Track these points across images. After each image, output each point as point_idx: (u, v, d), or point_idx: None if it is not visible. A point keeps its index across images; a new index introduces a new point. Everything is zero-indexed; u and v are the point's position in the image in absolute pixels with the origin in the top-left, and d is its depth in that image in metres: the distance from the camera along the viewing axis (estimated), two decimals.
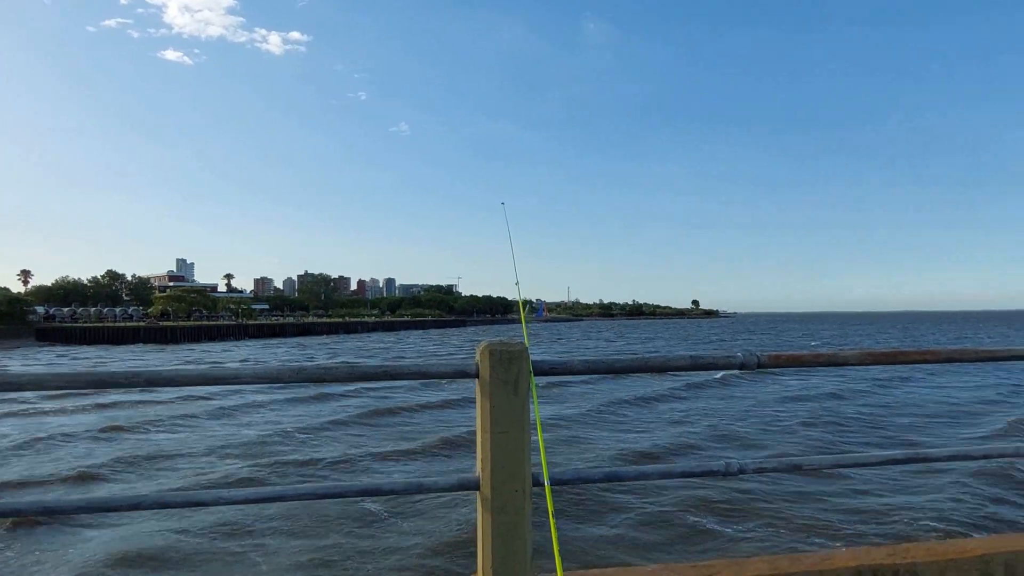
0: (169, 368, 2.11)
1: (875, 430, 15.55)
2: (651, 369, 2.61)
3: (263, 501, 2.21)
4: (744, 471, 2.54)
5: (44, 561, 7.63)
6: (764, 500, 9.53)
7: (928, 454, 2.80)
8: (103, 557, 7.69)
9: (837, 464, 2.76)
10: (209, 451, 13.59)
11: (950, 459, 2.81)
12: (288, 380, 2.20)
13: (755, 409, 18.74)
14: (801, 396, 21.32)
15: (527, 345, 2.33)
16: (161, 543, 8.11)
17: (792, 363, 2.65)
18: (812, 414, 17.60)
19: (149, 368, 2.11)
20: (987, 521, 8.64)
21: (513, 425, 2.25)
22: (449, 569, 7.37)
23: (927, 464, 10.54)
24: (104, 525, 8.74)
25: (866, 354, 2.75)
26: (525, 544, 2.26)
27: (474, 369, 2.27)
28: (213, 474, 11.71)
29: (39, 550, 7.94)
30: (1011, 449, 2.77)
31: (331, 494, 2.35)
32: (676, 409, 19.03)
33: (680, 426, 16.20)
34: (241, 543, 8.11)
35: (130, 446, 14.16)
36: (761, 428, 15.79)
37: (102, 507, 2.11)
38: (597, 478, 2.51)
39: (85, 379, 2.03)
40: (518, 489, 2.26)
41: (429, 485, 2.42)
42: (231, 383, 2.16)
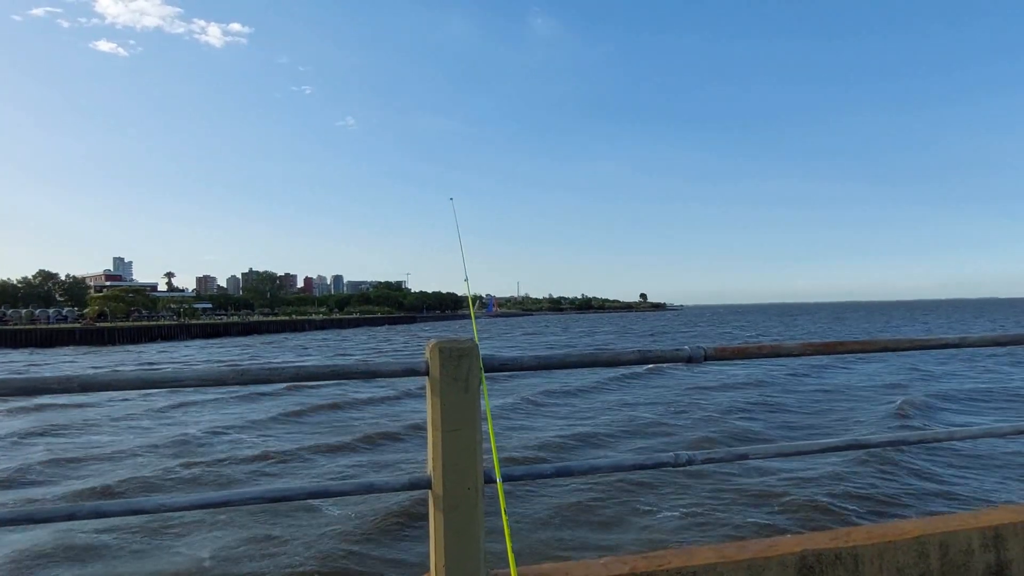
0: (105, 372, 2.02)
1: (779, 415, 16.44)
2: (600, 364, 2.63)
3: (209, 507, 2.15)
4: (693, 462, 2.58)
5: None
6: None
7: (868, 440, 2.91)
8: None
9: (780, 453, 2.83)
10: (147, 451, 13.18)
11: (888, 445, 2.92)
12: (232, 382, 2.14)
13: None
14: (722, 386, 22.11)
15: (477, 341, 2.32)
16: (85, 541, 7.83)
17: (737, 355, 2.72)
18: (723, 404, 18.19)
19: (83, 372, 2.02)
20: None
21: (464, 423, 2.24)
22: (401, 569, 7.32)
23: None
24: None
25: (807, 345, 2.83)
26: (478, 542, 2.26)
27: (424, 367, 2.24)
28: (153, 476, 11.34)
29: None
30: (944, 434, 2.89)
31: (279, 497, 2.30)
32: (617, 398, 19.35)
33: (623, 412, 16.49)
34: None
35: (59, 448, 13.59)
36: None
37: (31, 519, 2.01)
38: (549, 473, 2.52)
39: (15, 385, 1.93)
40: (470, 487, 2.24)
41: (380, 485, 2.39)
42: (171, 386, 2.08)
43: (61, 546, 7.98)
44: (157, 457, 12.87)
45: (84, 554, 7.82)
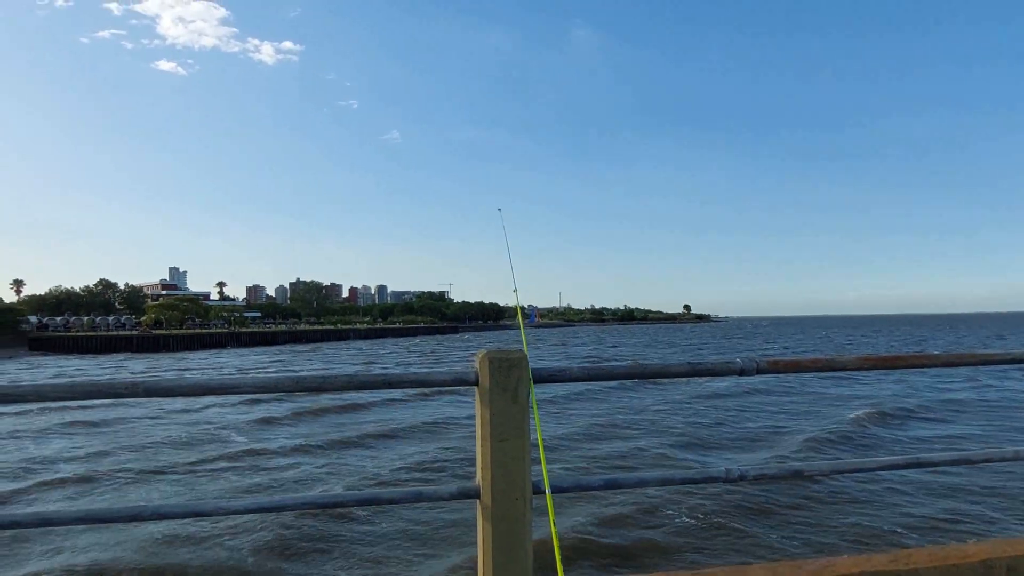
0: (168, 378, 2.09)
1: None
2: (649, 375, 2.60)
3: (263, 511, 2.20)
4: (744, 477, 2.53)
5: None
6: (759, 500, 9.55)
7: (930, 459, 2.81)
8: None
9: (836, 470, 2.76)
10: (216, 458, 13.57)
11: (951, 463, 2.82)
12: (287, 389, 2.19)
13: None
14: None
15: (526, 352, 2.33)
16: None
17: (791, 368, 2.66)
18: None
19: (148, 378, 2.10)
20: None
21: (513, 433, 2.24)
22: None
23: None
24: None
25: (864, 359, 2.75)
26: (526, 553, 2.25)
27: (473, 377, 2.26)
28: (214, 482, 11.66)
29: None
30: (1010, 453, 2.78)
31: (331, 504, 2.34)
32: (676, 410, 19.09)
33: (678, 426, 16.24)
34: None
35: (125, 459, 14.07)
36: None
37: (101, 518, 2.09)
38: (597, 485, 2.50)
39: (84, 389, 2.01)
40: (518, 497, 2.24)
41: (429, 494, 2.41)
42: (230, 392, 2.15)
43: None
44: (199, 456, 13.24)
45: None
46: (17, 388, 1.98)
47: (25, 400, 1.99)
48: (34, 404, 12.30)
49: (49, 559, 7.94)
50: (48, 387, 2.02)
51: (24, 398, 1.99)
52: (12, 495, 11.23)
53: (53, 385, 2.01)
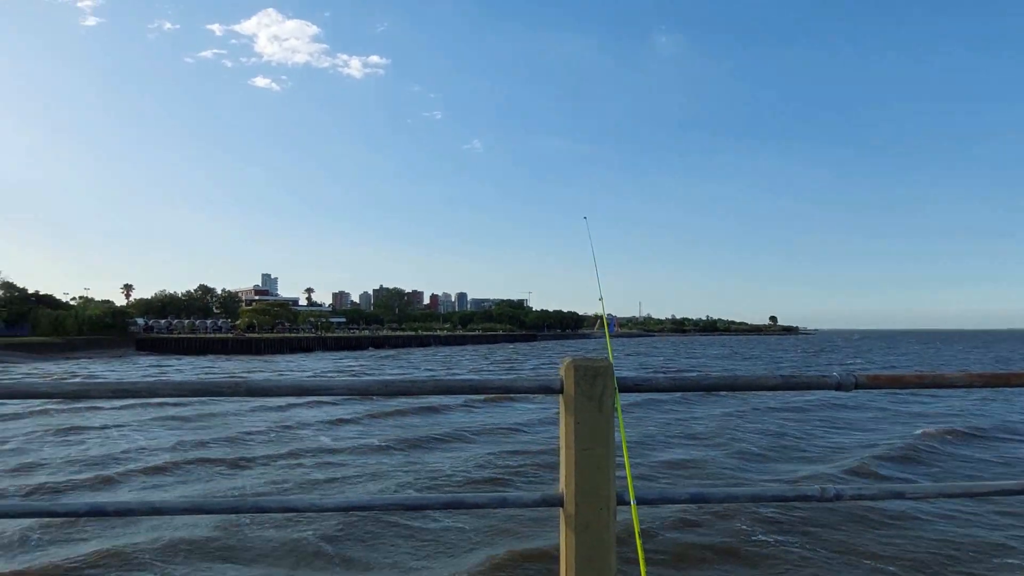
0: (268, 379, 2.20)
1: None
2: (739, 388, 2.53)
3: (353, 509, 2.27)
4: (840, 497, 2.43)
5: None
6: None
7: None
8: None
9: (943, 493, 2.60)
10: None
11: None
12: (377, 393, 2.25)
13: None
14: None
15: (611, 361, 2.31)
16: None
17: (893, 384, 2.52)
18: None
19: (249, 378, 2.21)
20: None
21: (598, 442, 2.22)
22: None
23: None
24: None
25: (974, 376, 2.58)
26: (610, 564, 2.23)
27: (558, 385, 2.26)
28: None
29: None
30: None
31: (417, 505, 2.39)
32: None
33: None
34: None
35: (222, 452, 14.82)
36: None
37: (204, 509, 2.21)
38: (683, 498, 2.45)
39: (192, 387, 2.14)
40: (603, 507, 2.22)
41: (513, 500, 2.42)
42: (323, 394, 2.23)
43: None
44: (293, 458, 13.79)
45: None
46: (135, 385, 2.13)
47: (140, 396, 2.13)
48: (144, 400, 12.96)
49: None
50: (160, 384, 2.16)
51: (139, 394, 2.14)
52: (119, 477, 12.16)
53: (165, 383, 2.15)
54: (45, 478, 12.44)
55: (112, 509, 2.12)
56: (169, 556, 8.07)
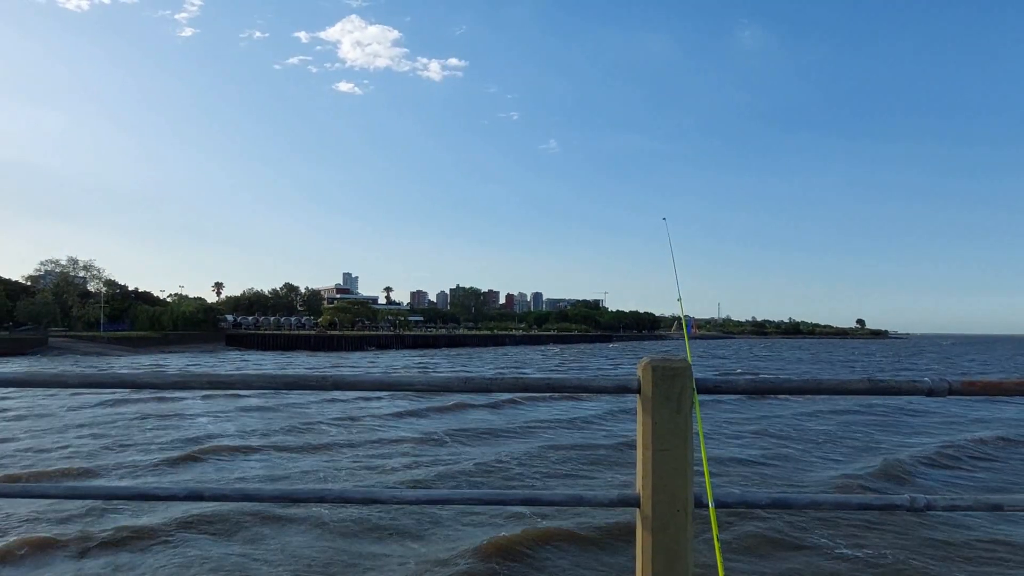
0: (352, 374, 2.30)
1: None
2: (824, 391, 2.45)
3: (432, 503, 2.34)
4: (932, 508, 2.32)
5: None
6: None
7: None
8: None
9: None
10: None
11: None
12: (457, 389, 2.31)
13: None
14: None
15: (690, 362, 2.29)
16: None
17: (990, 390, 2.39)
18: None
19: (335, 373, 2.31)
20: None
21: (675, 443, 2.21)
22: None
23: None
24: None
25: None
26: (687, 566, 2.21)
27: (636, 385, 2.25)
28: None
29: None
30: None
31: (494, 501, 2.44)
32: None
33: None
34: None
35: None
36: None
37: (292, 497, 2.33)
38: (764, 503, 2.40)
39: (282, 381, 2.26)
40: (680, 509, 2.21)
41: (589, 499, 2.43)
42: (405, 389, 2.31)
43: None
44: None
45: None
46: (228, 377, 2.27)
47: (234, 387, 2.27)
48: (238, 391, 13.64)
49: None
50: (253, 377, 2.29)
51: (233, 386, 2.27)
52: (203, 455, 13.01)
53: (258, 376, 2.27)
54: (147, 455, 13.35)
55: (209, 494, 2.26)
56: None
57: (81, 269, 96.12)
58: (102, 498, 2.34)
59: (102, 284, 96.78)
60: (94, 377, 2.23)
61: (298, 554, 8.05)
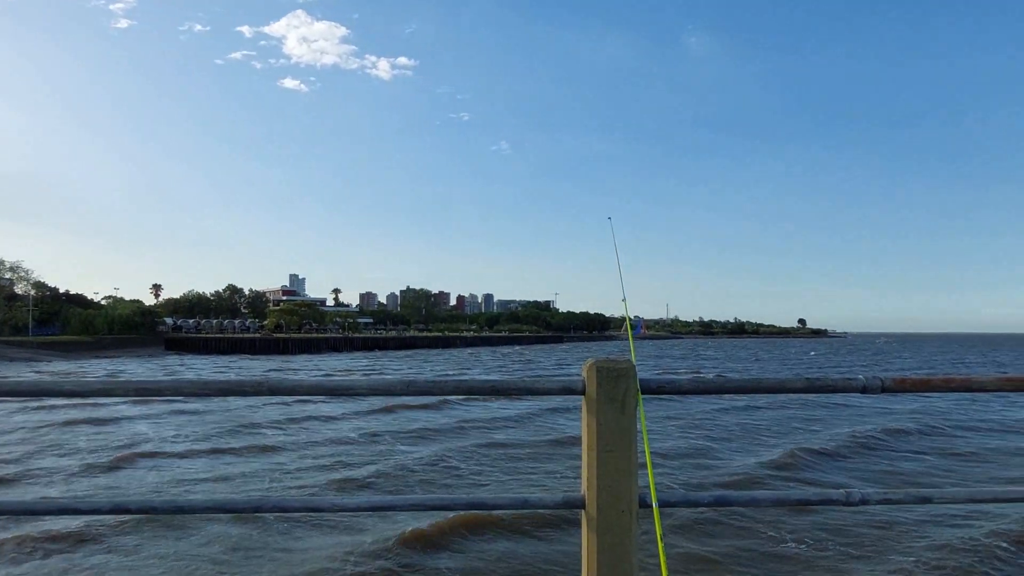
0: (290, 379, 2.22)
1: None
2: (764, 390, 2.49)
3: (375, 510, 2.28)
4: (866, 502, 2.38)
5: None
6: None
7: None
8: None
9: (973, 498, 2.54)
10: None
11: None
12: (400, 392, 2.26)
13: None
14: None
15: (634, 363, 2.29)
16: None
17: (921, 388, 2.47)
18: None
19: (271, 378, 2.23)
20: None
21: (620, 444, 2.21)
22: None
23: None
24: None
25: (1006, 380, 2.52)
26: (631, 567, 2.21)
27: (580, 386, 2.24)
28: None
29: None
30: None
31: (438, 506, 2.39)
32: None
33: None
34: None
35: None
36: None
37: (227, 508, 2.24)
38: (706, 502, 2.42)
39: (216, 387, 2.17)
40: (624, 510, 2.21)
41: (534, 502, 2.42)
42: (347, 394, 2.25)
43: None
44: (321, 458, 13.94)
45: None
46: (157, 384, 2.17)
47: (163, 394, 2.17)
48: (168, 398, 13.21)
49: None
50: (184, 383, 2.19)
51: (163, 393, 2.17)
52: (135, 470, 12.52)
53: (190, 381, 2.18)
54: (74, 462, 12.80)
55: (135, 507, 2.15)
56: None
57: (7, 271, 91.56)
58: (19, 514, 2.20)
59: (30, 286, 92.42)
60: (7, 385, 2.10)
61: (224, 545, 7.87)
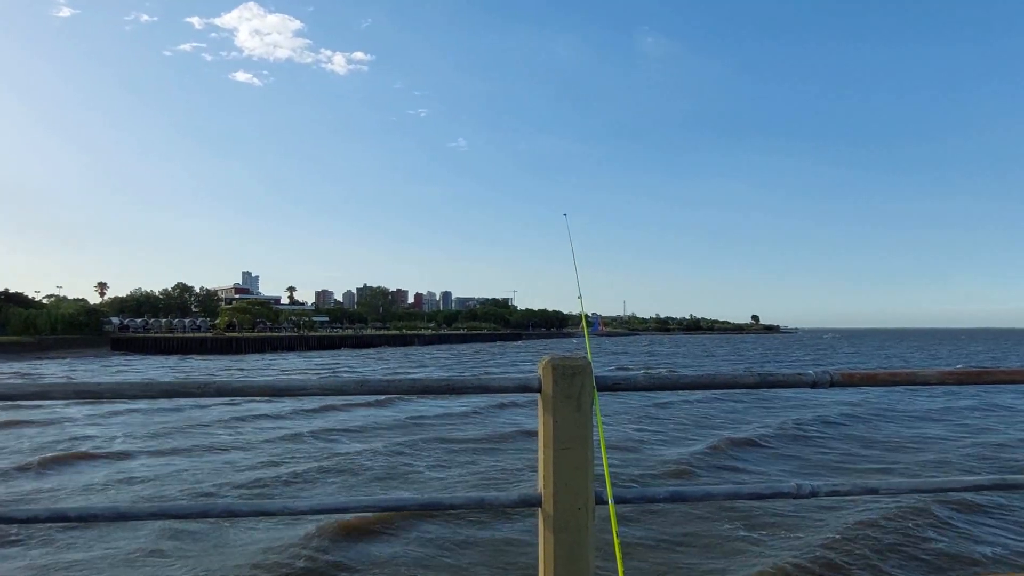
0: (238, 379, 2.15)
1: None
2: (717, 386, 2.52)
3: (327, 512, 2.24)
4: (816, 494, 2.43)
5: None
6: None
7: (1018, 480, 2.63)
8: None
9: (917, 488, 2.61)
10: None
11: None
12: (352, 392, 2.22)
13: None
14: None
15: (590, 360, 2.29)
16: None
17: (867, 382, 2.53)
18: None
19: (219, 379, 2.16)
20: None
21: (576, 441, 2.20)
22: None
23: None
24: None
25: (947, 373, 2.60)
26: (588, 564, 2.21)
27: (536, 384, 2.23)
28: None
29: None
30: None
31: (392, 507, 2.35)
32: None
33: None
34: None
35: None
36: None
37: (173, 514, 2.17)
38: (662, 497, 2.44)
39: (159, 389, 2.09)
40: (581, 507, 2.21)
41: (491, 501, 2.40)
42: (297, 394, 2.19)
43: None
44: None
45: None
46: (97, 386, 2.08)
47: (102, 397, 2.08)
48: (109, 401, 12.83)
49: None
50: (126, 386, 2.11)
51: (103, 395, 2.09)
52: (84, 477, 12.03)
53: (131, 384, 2.10)
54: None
55: (75, 515, 2.06)
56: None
57: None
58: None
59: None
60: None
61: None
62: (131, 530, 8.60)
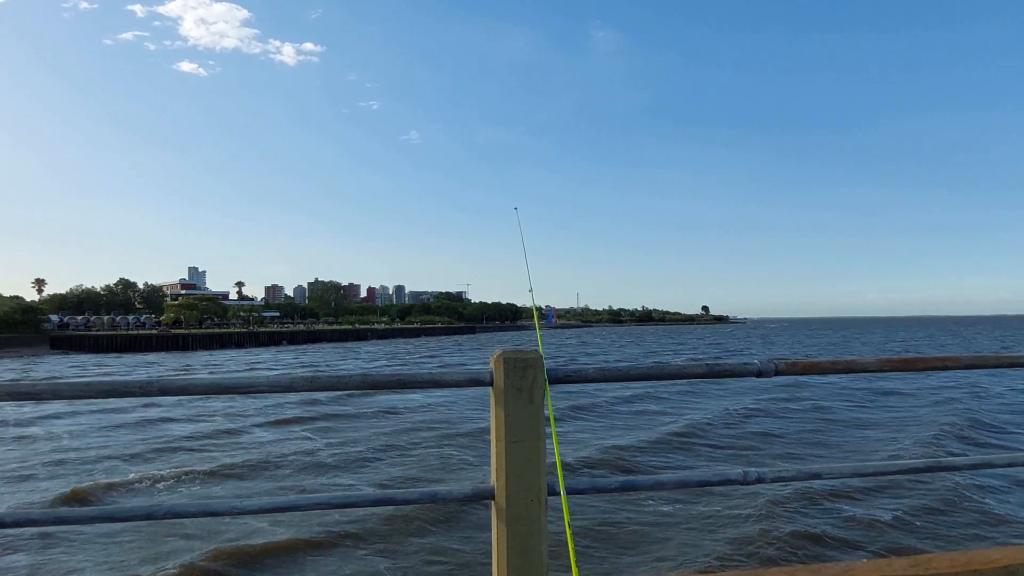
0: (183, 378, 2.10)
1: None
2: (666, 377, 2.58)
3: (277, 511, 2.20)
4: (762, 480, 2.50)
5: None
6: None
7: (951, 463, 2.75)
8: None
9: (857, 473, 2.71)
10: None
11: (973, 468, 2.76)
12: (301, 389, 2.18)
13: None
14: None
15: (541, 353, 2.31)
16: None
17: (810, 370, 2.62)
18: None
19: (162, 378, 2.11)
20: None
21: (528, 434, 2.22)
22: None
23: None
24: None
25: (884, 361, 2.70)
26: (541, 555, 2.23)
27: (488, 377, 2.24)
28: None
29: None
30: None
31: (344, 504, 2.33)
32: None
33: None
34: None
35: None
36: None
37: (116, 517, 2.10)
38: (613, 487, 2.47)
39: (99, 388, 2.02)
40: (533, 499, 2.22)
41: (443, 494, 2.40)
42: (245, 392, 2.15)
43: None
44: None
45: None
46: (34, 387, 2.00)
47: (40, 398, 2.01)
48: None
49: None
50: (64, 386, 2.04)
51: (40, 396, 2.01)
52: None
53: (69, 384, 2.02)
54: None
55: (11, 520, 1.99)
56: None
57: None
58: None
59: None
60: None
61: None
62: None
